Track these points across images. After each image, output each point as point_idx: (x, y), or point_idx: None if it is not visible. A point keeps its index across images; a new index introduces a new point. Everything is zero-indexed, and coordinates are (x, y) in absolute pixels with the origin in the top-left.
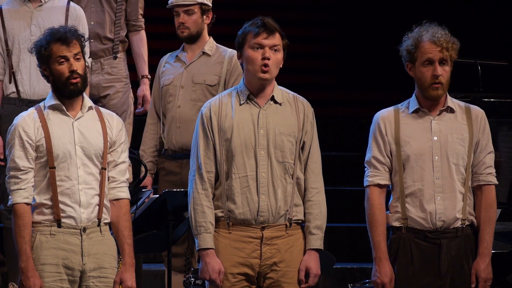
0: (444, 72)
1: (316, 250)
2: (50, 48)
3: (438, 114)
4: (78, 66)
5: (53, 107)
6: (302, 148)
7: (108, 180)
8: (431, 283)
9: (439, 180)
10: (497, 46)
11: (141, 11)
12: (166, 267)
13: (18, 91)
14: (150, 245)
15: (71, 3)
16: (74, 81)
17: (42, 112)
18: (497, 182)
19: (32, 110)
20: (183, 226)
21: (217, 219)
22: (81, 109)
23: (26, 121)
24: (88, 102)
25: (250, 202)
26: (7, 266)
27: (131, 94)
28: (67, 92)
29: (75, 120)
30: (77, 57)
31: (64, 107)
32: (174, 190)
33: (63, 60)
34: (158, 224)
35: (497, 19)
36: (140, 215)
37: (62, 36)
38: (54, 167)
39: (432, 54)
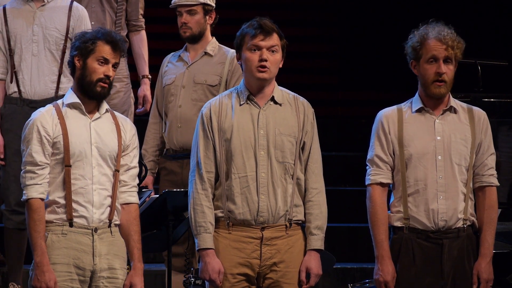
0: (448, 71)
1: (317, 250)
2: (97, 44)
3: (441, 114)
4: (112, 74)
5: (72, 105)
6: (303, 148)
7: (119, 184)
8: (433, 283)
9: (442, 179)
10: (497, 46)
11: (141, 11)
12: (166, 267)
13: (19, 91)
14: (150, 245)
15: (74, 2)
16: (103, 84)
17: (60, 109)
18: (498, 184)
19: (50, 107)
20: (183, 226)
21: (217, 219)
22: (98, 111)
23: (44, 117)
24: (105, 105)
25: (250, 202)
26: (7, 266)
27: (132, 94)
28: (92, 93)
29: (93, 120)
30: (115, 66)
31: (83, 107)
32: (174, 190)
33: (103, 61)
34: (158, 224)
35: (497, 19)
36: (140, 215)
37: (115, 40)
38: (70, 165)
39: (437, 51)
